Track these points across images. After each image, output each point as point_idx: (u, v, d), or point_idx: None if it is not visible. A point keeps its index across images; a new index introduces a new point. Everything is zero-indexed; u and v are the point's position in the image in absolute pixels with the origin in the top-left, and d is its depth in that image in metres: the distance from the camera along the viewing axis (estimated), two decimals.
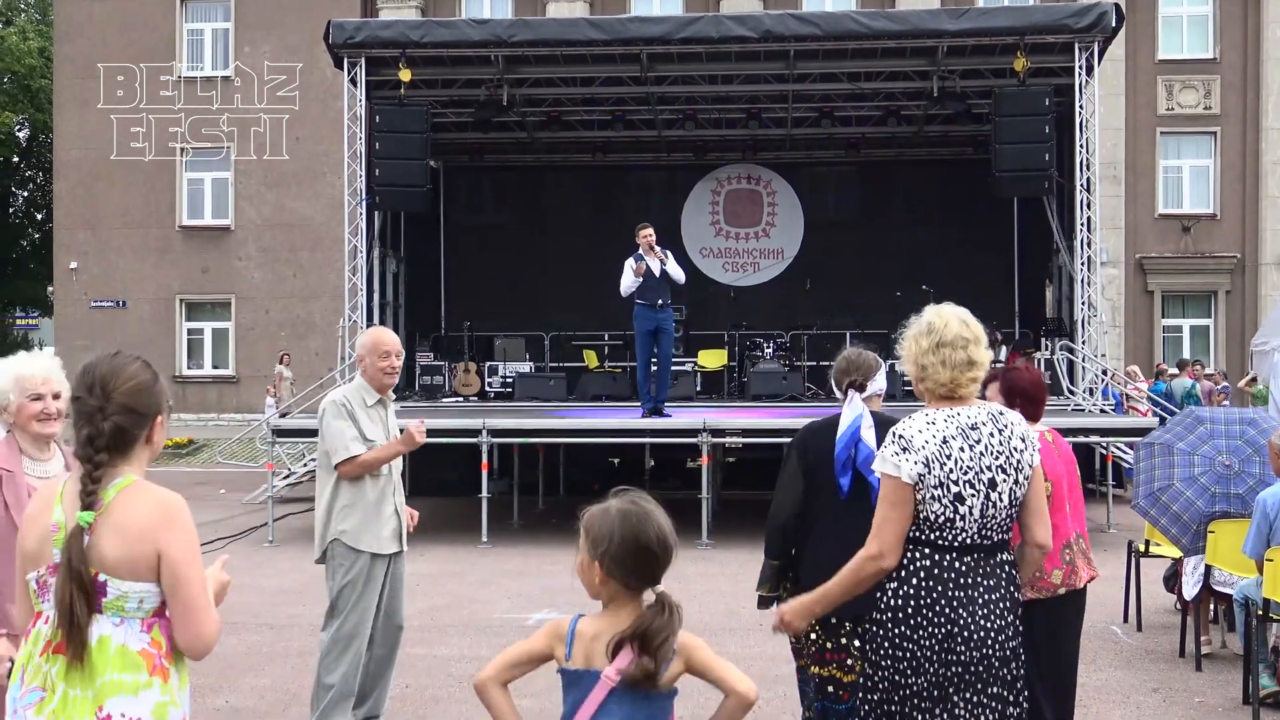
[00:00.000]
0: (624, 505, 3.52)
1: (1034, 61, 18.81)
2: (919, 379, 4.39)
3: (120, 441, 3.46)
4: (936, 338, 4.38)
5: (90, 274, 34.27)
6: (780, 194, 25.56)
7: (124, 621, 3.38)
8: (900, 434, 4.26)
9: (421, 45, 18.99)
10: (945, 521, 4.23)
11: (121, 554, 3.36)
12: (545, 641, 3.55)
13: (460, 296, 24.80)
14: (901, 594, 4.25)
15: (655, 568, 3.48)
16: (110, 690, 3.35)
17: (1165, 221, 31.86)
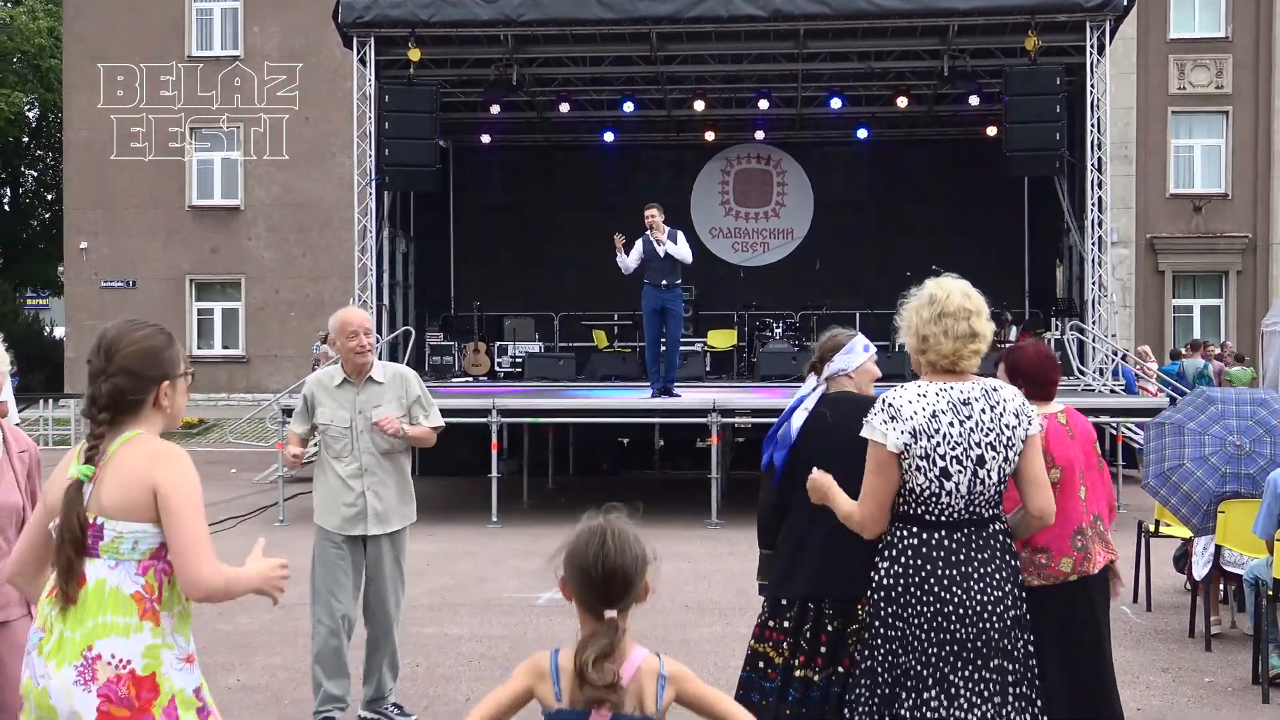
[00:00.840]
0: (585, 526, 3.37)
1: (1045, 40, 18.72)
2: (919, 350, 4.37)
3: (119, 403, 3.57)
4: (939, 308, 4.37)
5: (100, 254, 34.33)
6: (790, 174, 25.51)
7: (119, 564, 3.48)
8: (890, 402, 4.26)
9: (431, 24, 18.94)
10: (930, 496, 4.23)
11: (117, 495, 3.48)
12: (525, 682, 3.36)
13: (470, 276, 24.78)
14: (892, 573, 4.25)
15: (601, 594, 3.30)
16: (100, 632, 3.44)
17: (1176, 201, 31.77)
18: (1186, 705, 7.57)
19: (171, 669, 3.51)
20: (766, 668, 5.14)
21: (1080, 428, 5.65)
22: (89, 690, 3.41)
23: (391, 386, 7.07)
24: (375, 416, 6.89)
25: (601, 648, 3.27)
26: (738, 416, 16.38)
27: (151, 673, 3.46)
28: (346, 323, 6.94)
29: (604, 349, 21.84)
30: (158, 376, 3.62)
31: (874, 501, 4.26)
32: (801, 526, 5.10)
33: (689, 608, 10.13)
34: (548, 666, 3.36)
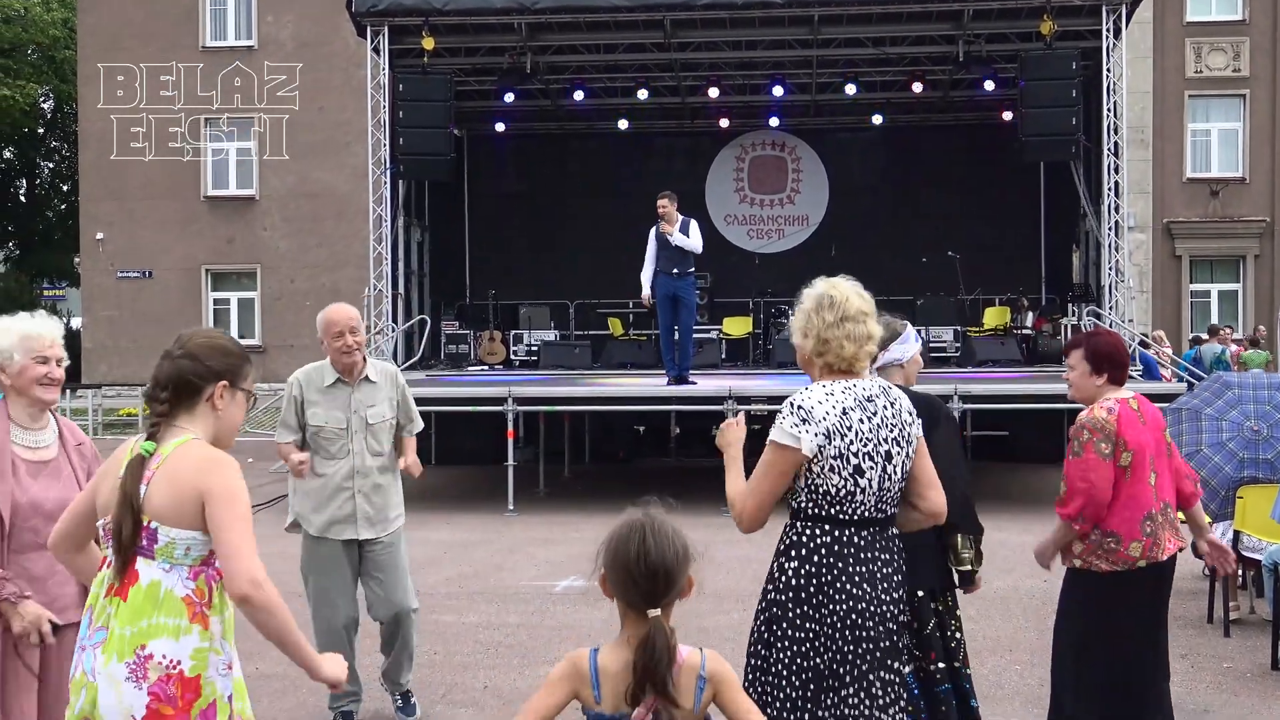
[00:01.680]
0: (624, 522, 3.35)
1: (1060, 25, 18.63)
2: (818, 353, 4.32)
3: (179, 385, 3.65)
4: (840, 312, 4.33)
5: (116, 245, 34.42)
6: (805, 160, 25.45)
7: (173, 568, 3.54)
8: (800, 405, 4.21)
9: (444, 13, 18.92)
10: (846, 495, 4.18)
11: (170, 501, 3.52)
12: (566, 687, 3.30)
13: (484, 265, 24.77)
14: (803, 573, 4.17)
15: (644, 592, 3.25)
16: (153, 632, 3.50)
17: (1193, 186, 31.63)
18: (1206, 691, 7.55)
19: (215, 673, 3.60)
20: None
21: (1151, 414, 5.59)
22: (140, 687, 3.48)
23: (384, 386, 6.86)
24: (371, 419, 6.76)
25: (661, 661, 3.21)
26: (754, 404, 16.36)
27: (197, 675, 3.54)
28: (332, 322, 6.68)
29: (619, 337, 21.82)
30: (219, 370, 3.69)
31: (761, 502, 4.20)
32: None
33: (706, 596, 10.06)
34: (587, 670, 3.30)
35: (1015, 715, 7.07)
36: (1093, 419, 5.42)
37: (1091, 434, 5.36)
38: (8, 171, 48.96)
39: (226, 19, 34.55)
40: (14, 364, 4.71)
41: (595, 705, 3.26)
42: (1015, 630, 9.02)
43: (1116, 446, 5.34)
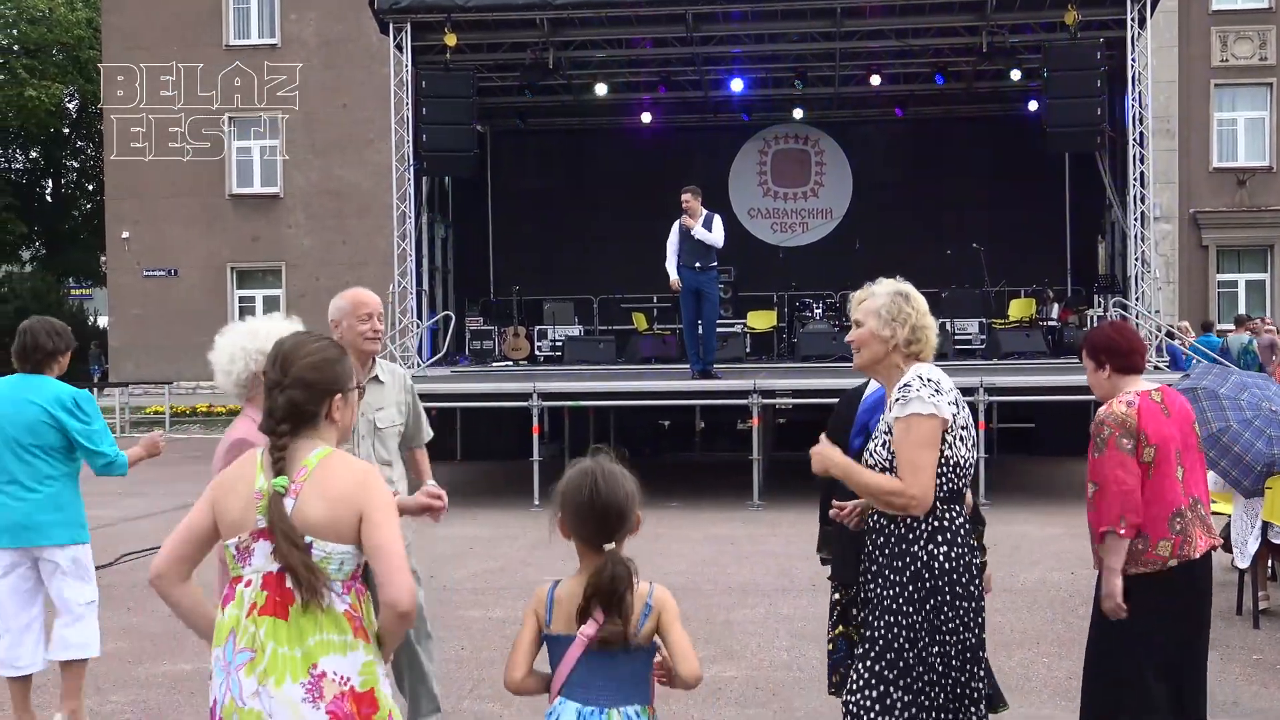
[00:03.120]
0: (576, 468, 3.66)
1: (1084, 14, 18.54)
2: (909, 341, 4.45)
3: (296, 414, 3.57)
4: (924, 306, 4.52)
5: (142, 243, 34.58)
6: (828, 153, 25.40)
7: (330, 584, 3.49)
8: (928, 377, 4.35)
9: (466, 9, 18.95)
10: (968, 466, 4.38)
11: (326, 517, 3.47)
12: (531, 614, 3.70)
13: (508, 261, 24.81)
14: (953, 556, 4.28)
15: (597, 528, 3.59)
16: (322, 650, 3.45)
17: (1220, 175, 31.46)
18: (1235, 683, 7.50)
19: (385, 685, 3.57)
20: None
21: (1177, 407, 5.39)
22: (318, 707, 3.42)
23: (393, 389, 6.24)
24: (380, 423, 6.10)
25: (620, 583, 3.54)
26: (779, 398, 16.35)
27: (370, 689, 3.51)
28: (362, 303, 6.04)
29: (644, 331, 21.82)
30: (331, 389, 3.64)
31: (929, 477, 4.26)
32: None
33: (731, 590, 10.12)
34: (545, 597, 3.68)
35: (1045, 707, 7.05)
36: (1111, 414, 5.25)
37: (1112, 429, 5.19)
38: (34, 171, 49.24)
39: (250, 18, 34.66)
40: None
41: (546, 628, 3.64)
42: (1042, 623, 8.98)
43: (1138, 442, 5.16)
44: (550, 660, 3.65)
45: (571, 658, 3.58)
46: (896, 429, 4.31)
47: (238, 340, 4.79)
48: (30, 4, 42.59)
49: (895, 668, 4.27)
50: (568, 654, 3.59)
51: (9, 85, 42.79)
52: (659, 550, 11.45)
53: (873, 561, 4.44)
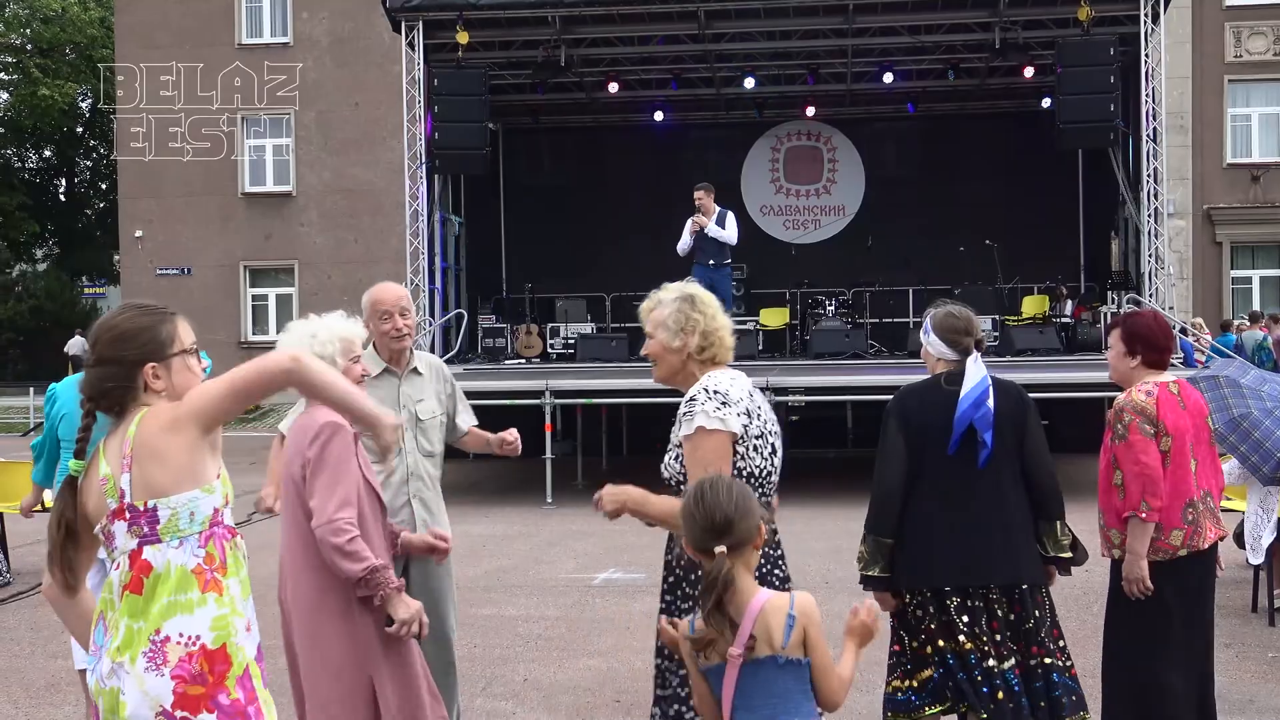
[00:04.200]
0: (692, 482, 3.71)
1: (1098, 10, 18.50)
2: (702, 348, 4.36)
3: (102, 393, 3.45)
4: (713, 307, 4.42)
5: (155, 242, 34.66)
6: (840, 150, 25.36)
7: (182, 542, 3.37)
8: (714, 390, 4.24)
9: (478, 7, 18.96)
10: (767, 475, 4.27)
11: (156, 469, 3.35)
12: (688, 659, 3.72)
13: (521, 258, 24.80)
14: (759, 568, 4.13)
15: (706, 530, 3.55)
16: (166, 613, 3.33)
17: (1233, 171, 31.35)
18: (1250, 681, 7.48)
19: (241, 638, 3.41)
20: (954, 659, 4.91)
21: (1192, 400, 5.48)
22: (161, 674, 3.29)
23: (430, 379, 6.04)
24: (422, 415, 5.93)
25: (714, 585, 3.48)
26: (791, 395, 16.32)
27: (222, 644, 3.36)
28: (378, 301, 5.85)
29: None
30: (136, 359, 3.45)
31: None
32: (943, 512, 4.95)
33: None
34: (687, 628, 3.65)
35: None
36: (1131, 401, 5.33)
37: (1133, 416, 5.27)
38: (48, 170, 49.43)
39: (262, 16, 34.70)
40: (338, 368, 4.75)
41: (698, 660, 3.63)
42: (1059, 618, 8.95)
43: (1157, 431, 5.26)
44: (712, 691, 3.62)
45: (730, 681, 3.53)
46: (685, 447, 4.21)
47: (296, 343, 4.76)
48: (44, 3, 42.73)
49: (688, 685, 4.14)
50: (725, 679, 3.54)
51: (23, 84, 42.97)
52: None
53: (670, 571, 4.41)
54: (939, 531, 4.92)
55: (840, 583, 9.97)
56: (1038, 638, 4.93)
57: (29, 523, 9.60)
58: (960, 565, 4.89)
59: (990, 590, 4.88)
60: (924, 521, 4.95)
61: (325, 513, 4.44)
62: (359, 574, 4.46)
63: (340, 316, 4.96)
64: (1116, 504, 5.30)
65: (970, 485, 4.91)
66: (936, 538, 4.92)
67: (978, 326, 5.20)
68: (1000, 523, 4.90)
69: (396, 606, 4.53)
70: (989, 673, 4.81)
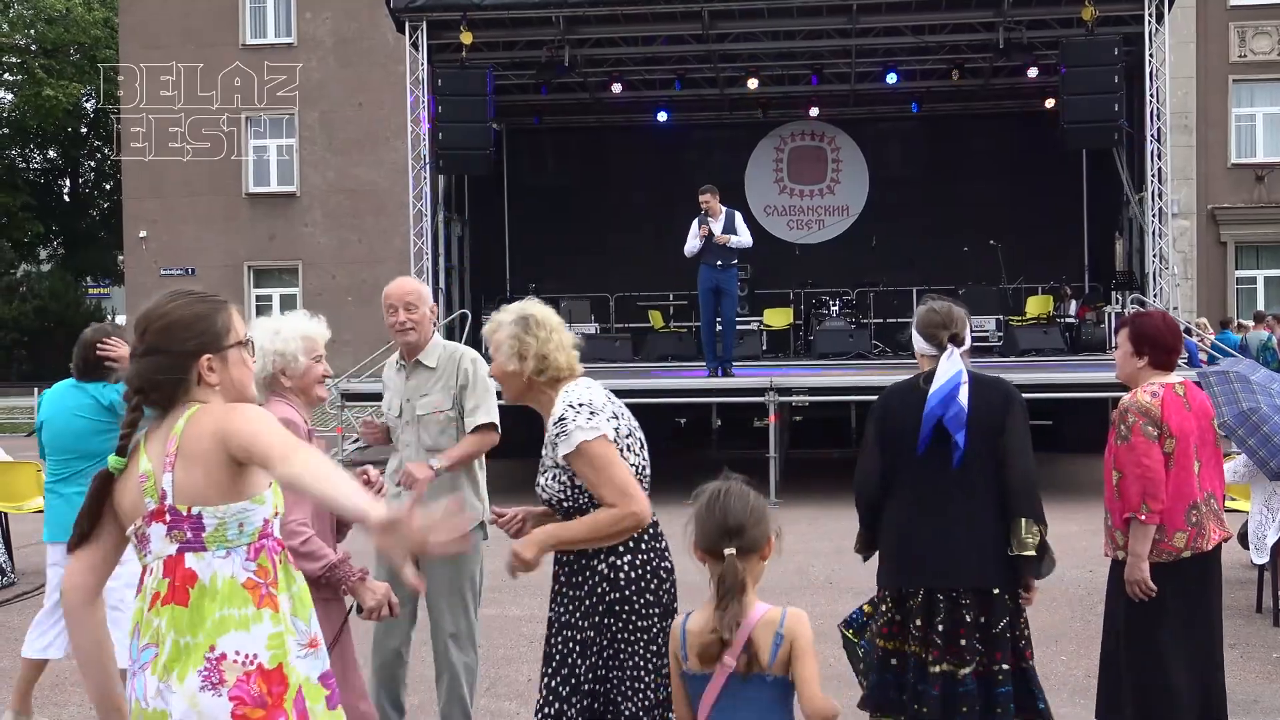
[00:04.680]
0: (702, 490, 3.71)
1: (1102, 10, 18.49)
2: (539, 371, 4.34)
3: (151, 385, 3.24)
4: (547, 328, 4.37)
5: (159, 242, 34.69)
6: (844, 150, 25.36)
7: (230, 553, 3.18)
8: (577, 402, 4.24)
9: (482, 7, 18.97)
10: (643, 472, 4.30)
11: (203, 478, 3.15)
12: (673, 659, 3.71)
13: (524, 259, 24.83)
14: (638, 564, 4.19)
15: (718, 530, 3.59)
16: (221, 628, 3.14)
17: (1238, 171, 31.33)
18: (1255, 681, 7.47)
19: (296, 657, 3.21)
20: (899, 665, 4.98)
21: (1197, 402, 5.46)
22: (219, 693, 3.09)
23: (442, 372, 6.04)
24: (420, 410, 5.99)
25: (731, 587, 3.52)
26: (795, 395, 16.32)
27: (278, 664, 3.16)
28: (384, 296, 6.09)
29: (660, 329, 21.81)
30: (193, 350, 3.24)
31: (636, 487, 4.18)
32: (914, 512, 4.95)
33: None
34: (679, 634, 3.65)
35: (1063, 705, 7.02)
36: (1136, 402, 5.32)
37: (1137, 417, 5.25)
38: (52, 171, 49.44)
39: (266, 17, 34.74)
40: (299, 365, 4.77)
41: (683, 664, 3.59)
42: (1061, 620, 8.95)
43: (1161, 433, 5.24)
44: (690, 697, 3.61)
45: (713, 691, 3.52)
46: (576, 465, 4.18)
47: (259, 339, 4.57)
48: (48, 4, 42.77)
49: (568, 684, 4.17)
50: (709, 687, 3.53)
51: (27, 85, 43.00)
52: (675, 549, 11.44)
53: (555, 580, 4.37)
54: (910, 534, 4.93)
55: (844, 583, 9.96)
56: (1004, 643, 4.87)
57: (32, 523, 9.60)
58: (930, 568, 4.88)
59: (960, 594, 4.85)
60: (896, 523, 4.98)
61: None
62: (319, 572, 4.44)
63: (304, 316, 4.92)
64: (1117, 507, 5.29)
65: (944, 486, 4.87)
66: (906, 540, 4.94)
67: (959, 320, 5.09)
68: (973, 524, 4.86)
69: (363, 595, 4.57)
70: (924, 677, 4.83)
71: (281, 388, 4.72)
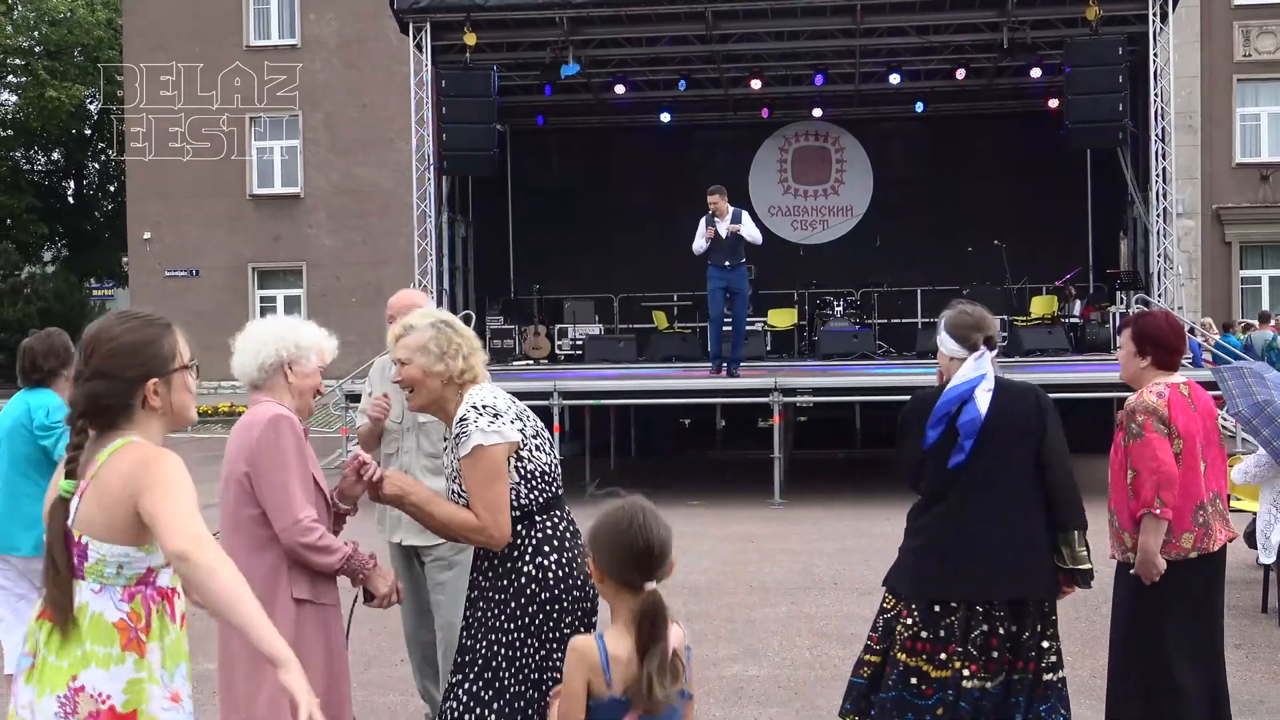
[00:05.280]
0: (616, 506, 3.45)
1: (1106, 10, 18.47)
2: (462, 371, 4.33)
3: (96, 408, 3.22)
4: (464, 332, 4.43)
5: (164, 244, 34.71)
6: (849, 150, 25.34)
7: (103, 589, 3.16)
8: (482, 405, 4.23)
9: (486, 8, 18.97)
10: (554, 470, 4.30)
11: (100, 513, 3.13)
12: (583, 679, 3.32)
13: (529, 259, 24.82)
14: (552, 561, 4.18)
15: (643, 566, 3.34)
16: (83, 661, 3.12)
17: (1243, 171, 31.28)
18: (1260, 682, 7.46)
19: (157, 708, 3.16)
20: (921, 684, 4.83)
21: (1202, 401, 5.44)
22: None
23: None
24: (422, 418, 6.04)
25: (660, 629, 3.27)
26: (800, 396, 16.31)
27: (133, 710, 3.12)
28: (389, 307, 6.27)
29: (664, 330, 21.80)
30: (139, 376, 3.23)
31: (505, 510, 4.16)
32: (967, 520, 4.86)
33: (753, 588, 10.08)
34: (598, 658, 3.31)
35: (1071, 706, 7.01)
36: (1143, 402, 5.29)
37: (1145, 416, 5.23)
38: (56, 173, 49.46)
39: (270, 18, 34.75)
40: (309, 364, 4.60)
41: (608, 689, 3.28)
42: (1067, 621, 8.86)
43: (1169, 432, 5.22)
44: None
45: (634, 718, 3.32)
46: (464, 467, 4.18)
47: (274, 330, 4.57)
48: (51, 6, 42.80)
49: (492, 688, 4.14)
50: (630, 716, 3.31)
51: (30, 87, 43.02)
52: (681, 549, 11.41)
53: (474, 586, 4.33)
54: (944, 544, 4.87)
55: (849, 584, 9.96)
56: (1029, 652, 4.84)
57: None
58: (966, 579, 4.82)
59: (994, 606, 4.81)
60: (931, 533, 4.92)
61: (289, 515, 4.34)
62: (337, 564, 4.44)
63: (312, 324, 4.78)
64: (1131, 504, 5.24)
65: (981, 495, 4.83)
66: (944, 550, 4.87)
67: (991, 324, 5.09)
68: (1008, 534, 4.81)
69: (377, 583, 4.56)
70: (962, 694, 4.76)
71: (281, 383, 4.53)
